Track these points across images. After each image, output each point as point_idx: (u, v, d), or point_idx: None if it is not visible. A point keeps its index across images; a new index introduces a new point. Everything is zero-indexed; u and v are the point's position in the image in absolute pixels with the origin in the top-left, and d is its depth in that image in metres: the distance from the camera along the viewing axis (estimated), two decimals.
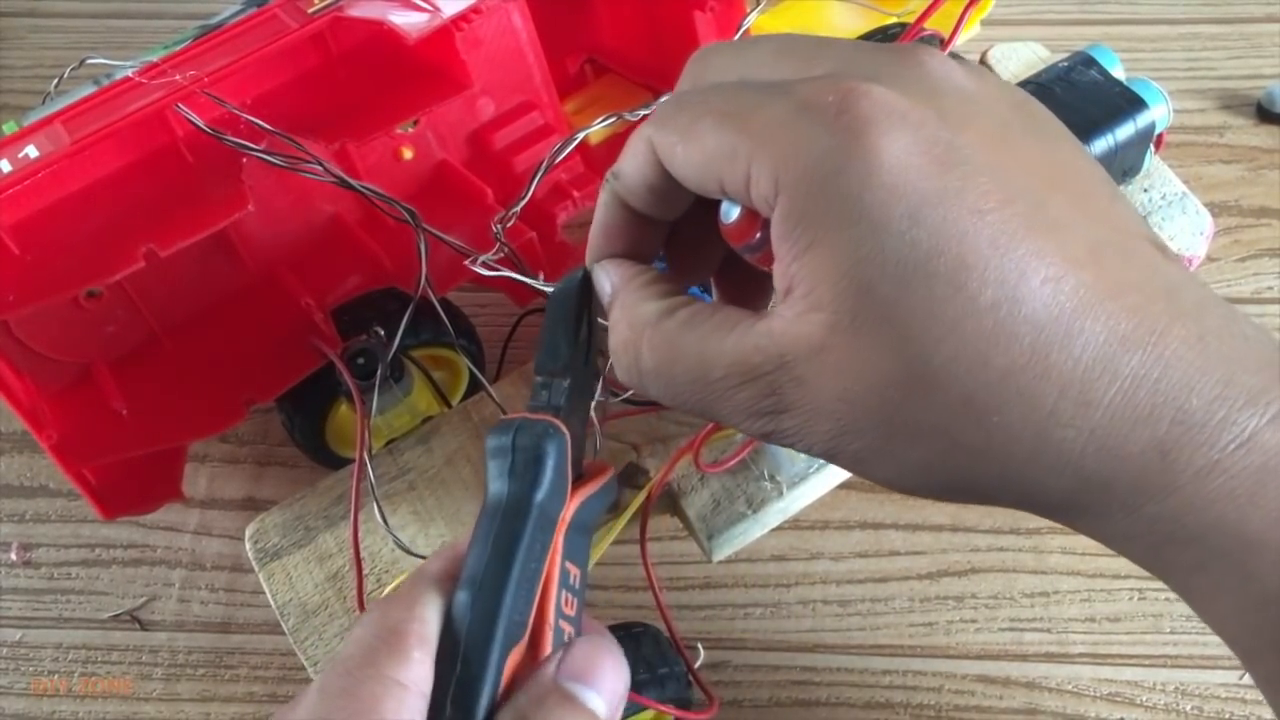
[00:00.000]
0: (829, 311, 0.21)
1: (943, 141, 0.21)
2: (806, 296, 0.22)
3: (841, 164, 0.21)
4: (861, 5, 0.52)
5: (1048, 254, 0.20)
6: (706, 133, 0.23)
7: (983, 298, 0.20)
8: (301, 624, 0.37)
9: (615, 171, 0.26)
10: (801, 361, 0.22)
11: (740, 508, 0.38)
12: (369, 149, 0.43)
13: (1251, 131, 0.57)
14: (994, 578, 0.46)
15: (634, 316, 0.25)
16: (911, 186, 0.21)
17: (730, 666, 0.44)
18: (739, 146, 0.22)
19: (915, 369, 0.21)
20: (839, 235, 0.21)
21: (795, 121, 0.22)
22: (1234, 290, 0.52)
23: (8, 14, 0.69)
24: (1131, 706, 0.43)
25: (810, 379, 0.22)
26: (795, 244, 0.22)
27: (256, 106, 0.42)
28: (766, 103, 0.22)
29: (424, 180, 0.45)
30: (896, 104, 0.21)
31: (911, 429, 0.21)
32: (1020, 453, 0.21)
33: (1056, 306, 0.20)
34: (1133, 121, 0.40)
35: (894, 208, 0.20)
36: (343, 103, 0.43)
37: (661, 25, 0.47)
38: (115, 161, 0.40)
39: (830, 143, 0.21)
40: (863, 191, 0.21)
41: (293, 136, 0.38)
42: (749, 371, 0.23)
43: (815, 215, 0.21)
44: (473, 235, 0.40)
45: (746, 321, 0.23)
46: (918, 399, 0.21)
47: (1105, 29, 0.62)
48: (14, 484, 0.51)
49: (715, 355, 0.23)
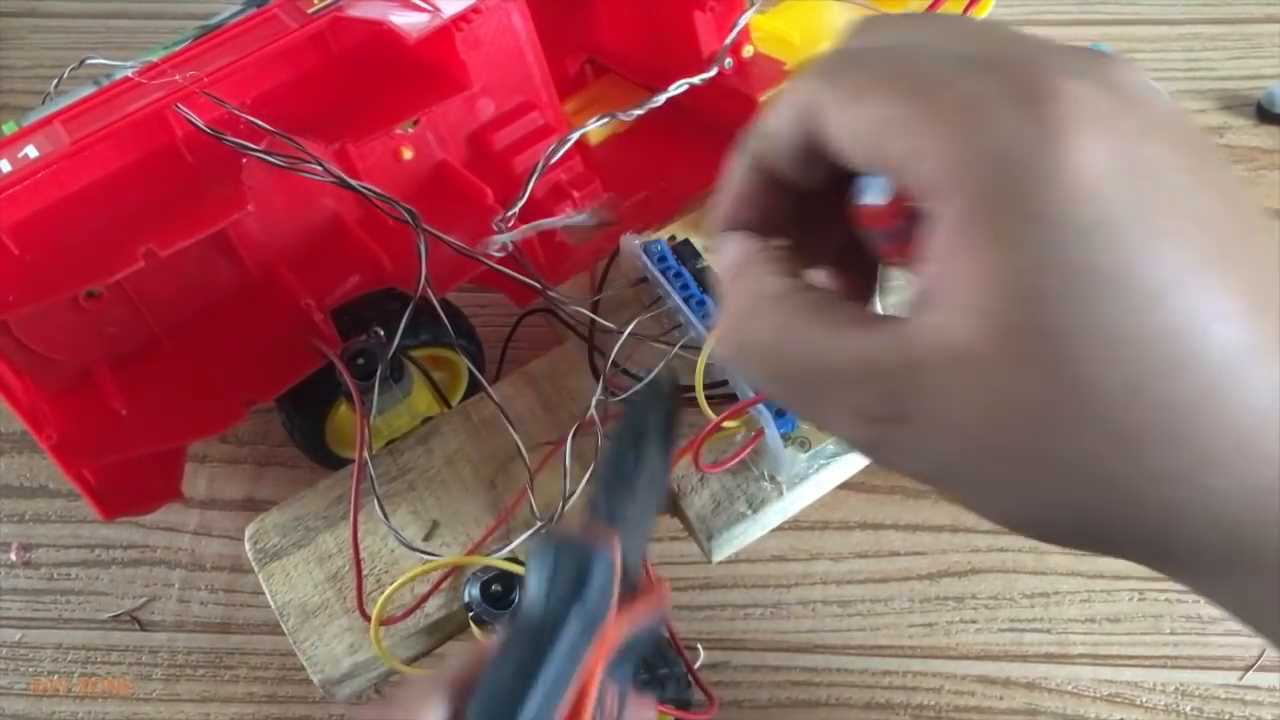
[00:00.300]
0: (986, 318, 0.19)
1: (1144, 156, 0.19)
2: (961, 297, 0.19)
3: (1034, 158, 0.19)
4: (861, 5, 0.52)
5: (1233, 292, 0.19)
6: (879, 95, 0.20)
7: (1164, 326, 0.18)
8: (301, 624, 0.37)
9: (760, 130, 0.23)
10: (938, 369, 0.19)
11: (740, 508, 0.38)
12: (369, 149, 0.43)
13: (1251, 131, 0.57)
14: (994, 578, 0.46)
15: (756, 288, 0.23)
16: (1106, 197, 0.18)
17: (730, 667, 0.44)
18: (915, 118, 0.20)
19: (1073, 393, 0.19)
20: (1016, 236, 0.19)
21: (987, 102, 0.19)
22: None
23: (8, 14, 0.69)
24: (1131, 707, 0.43)
25: (944, 391, 0.20)
26: (962, 237, 0.19)
27: (256, 106, 0.42)
28: (956, 77, 0.20)
29: (424, 180, 0.45)
30: (1103, 106, 0.19)
31: (1051, 459, 0.19)
32: (1169, 497, 0.19)
33: (1236, 347, 0.19)
34: None
35: (1083, 216, 0.18)
36: (343, 103, 0.43)
37: (661, 25, 0.47)
38: (115, 161, 0.40)
39: (1024, 133, 0.19)
40: (1053, 192, 0.18)
41: (293, 136, 0.38)
42: (871, 372, 0.20)
43: (993, 210, 0.19)
44: (473, 235, 0.40)
45: (880, 319, 0.21)
46: (1068, 426, 0.19)
47: (1105, 29, 0.62)
48: (14, 484, 0.51)
49: (837, 347, 0.21)
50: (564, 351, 0.42)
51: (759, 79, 0.47)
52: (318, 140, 0.40)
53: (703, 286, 0.40)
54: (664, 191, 0.48)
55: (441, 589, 0.37)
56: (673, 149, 0.49)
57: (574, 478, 0.37)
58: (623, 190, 0.47)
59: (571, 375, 0.41)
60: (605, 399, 0.39)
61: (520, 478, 0.39)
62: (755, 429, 0.37)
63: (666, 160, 0.49)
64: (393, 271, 0.43)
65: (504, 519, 0.38)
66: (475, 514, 0.39)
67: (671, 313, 0.40)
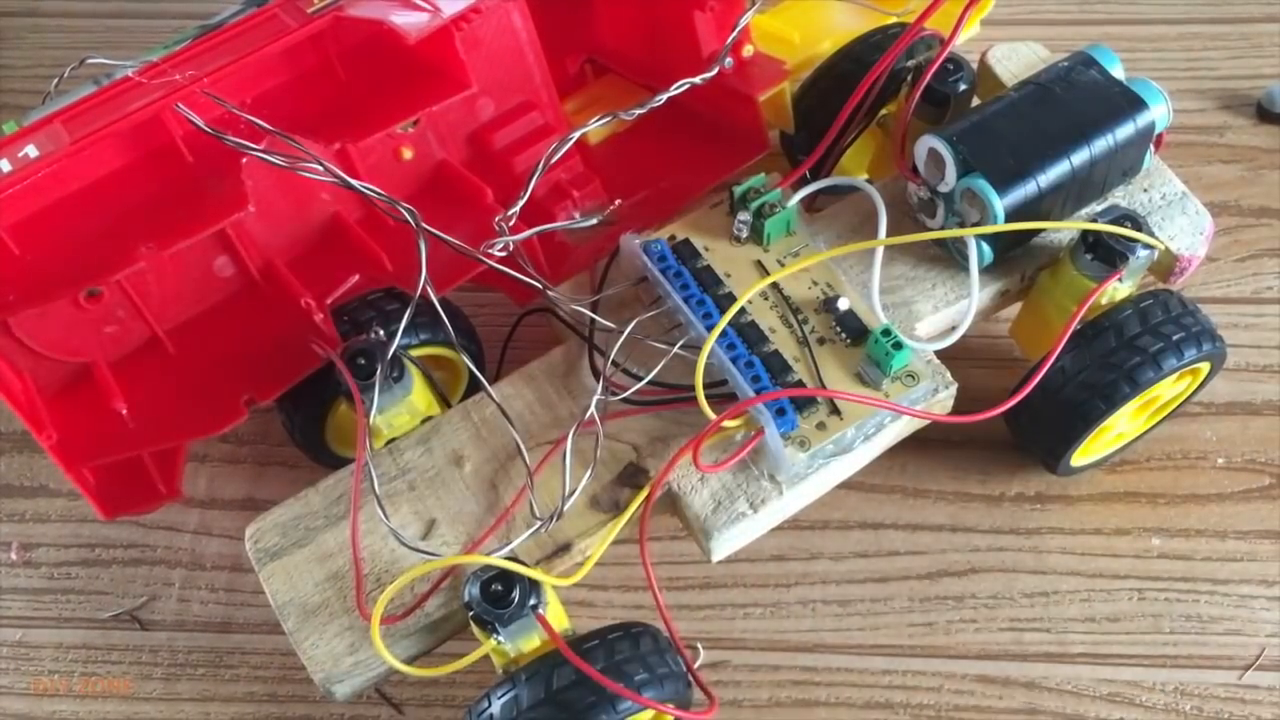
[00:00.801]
0: None
1: None
2: None
3: None
4: (861, 5, 0.52)
5: None
6: None
7: None
8: (301, 624, 0.37)
9: None
10: None
11: (740, 508, 0.38)
12: (369, 149, 0.43)
13: (1251, 131, 0.57)
14: (994, 578, 0.46)
15: None
16: None
17: (730, 666, 0.44)
18: None
19: None
20: None
21: None
22: (1234, 290, 0.52)
23: (8, 14, 0.69)
24: (1131, 706, 0.43)
25: None
26: None
27: (256, 106, 0.42)
28: None
29: (424, 180, 0.45)
30: None
31: None
32: None
33: None
34: (1132, 121, 0.40)
35: None
36: (343, 103, 0.43)
37: (661, 25, 0.47)
38: (115, 161, 0.40)
39: None
40: None
41: (293, 136, 0.38)
42: None
43: None
44: (473, 235, 0.40)
45: None
46: None
47: (1105, 29, 0.62)
48: (14, 484, 0.51)
49: None
50: (564, 351, 0.42)
51: (759, 78, 0.47)
52: (318, 140, 0.40)
53: (703, 286, 0.40)
54: (664, 191, 0.48)
55: (442, 588, 0.37)
56: (673, 149, 0.49)
57: (574, 477, 0.37)
58: (623, 190, 0.47)
59: (571, 375, 0.41)
60: (605, 399, 0.39)
61: (520, 477, 0.39)
62: (755, 429, 0.37)
63: (666, 160, 0.49)
64: (393, 271, 0.43)
65: (504, 518, 0.38)
66: (475, 513, 0.39)
67: (671, 312, 0.40)
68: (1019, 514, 0.47)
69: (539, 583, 0.35)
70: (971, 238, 0.39)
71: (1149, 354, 0.40)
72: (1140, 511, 0.47)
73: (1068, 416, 0.42)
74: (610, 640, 0.35)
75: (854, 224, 0.43)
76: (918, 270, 0.42)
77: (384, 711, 0.44)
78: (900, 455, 0.46)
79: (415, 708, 0.44)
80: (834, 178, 0.43)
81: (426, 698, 0.44)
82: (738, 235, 0.41)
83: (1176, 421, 0.48)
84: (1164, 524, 0.47)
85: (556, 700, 0.33)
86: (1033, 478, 0.48)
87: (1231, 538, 0.46)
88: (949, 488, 0.48)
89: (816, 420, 0.37)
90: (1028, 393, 0.38)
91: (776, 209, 0.41)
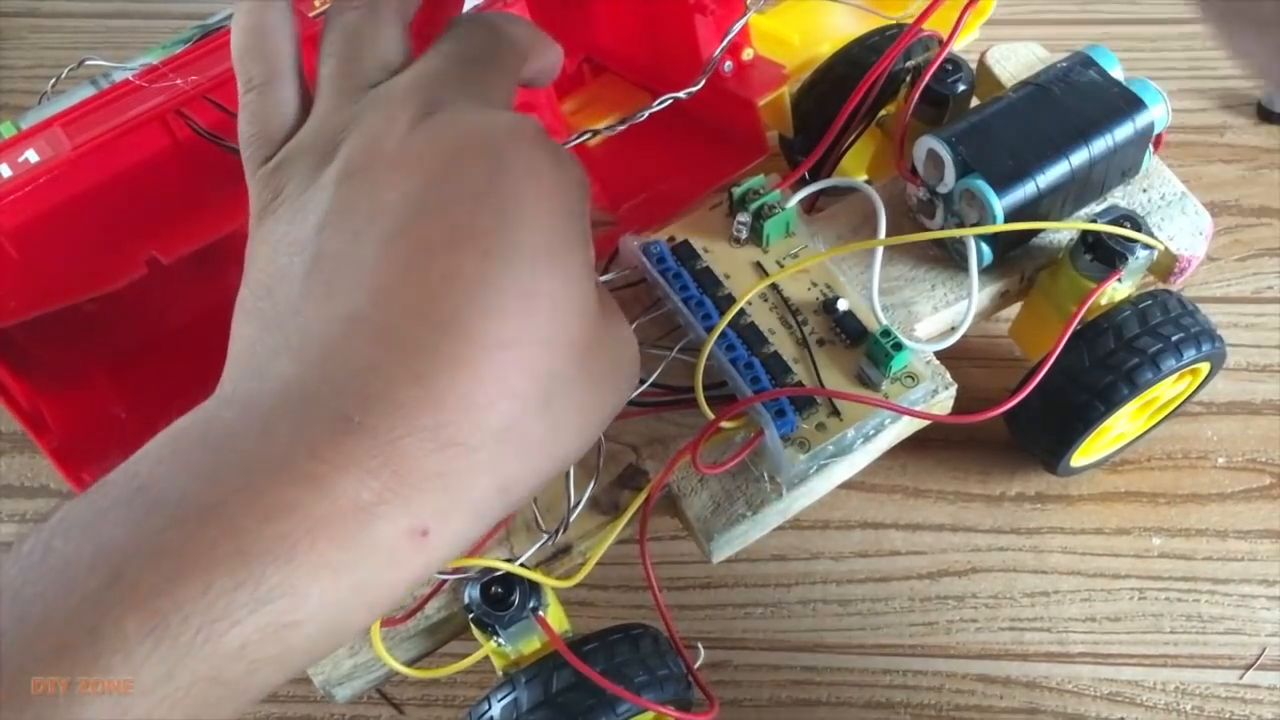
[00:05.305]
0: None
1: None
2: None
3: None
4: (860, 7, 0.52)
5: None
6: None
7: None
8: None
9: None
10: None
11: (740, 509, 0.38)
12: None
13: (1251, 131, 0.57)
14: (994, 577, 0.46)
15: None
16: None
17: (730, 666, 0.45)
18: None
19: None
20: None
21: None
22: (1234, 290, 0.52)
23: (8, 14, 0.69)
24: (1132, 706, 0.43)
25: None
26: None
27: None
28: None
29: None
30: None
31: None
32: None
33: None
34: (1131, 122, 0.40)
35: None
36: None
37: (660, 25, 0.47)
38: (116, 166, 0.40)
39: None
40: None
41: None
42: None
43: None
44: None
45: None
46: None
47: (1105, 29, 0.62)
48: (14, 484, 0.51)
49: None
50: None
51: (758, 83, 0.47)
52: None
53: (702, 287, 0.40)
54: (664, 192, 0.48)
55: (442, 591, 0.37)
56: (673, 149, 0.49)
57: (578, 486, 0.37)
58: (623, 190, 0.47)
59: None
60: None
61: None
62: (755, 429, 0.37)
63: (666, 161, 0.49)
64: None
65: (505, 523, 0.38)
66: None
67: (670, 314, 0.40)
68: (1019, 514, 0.47)
69: (539, 585, 0.35)
70: (971, 238, 0.39)
71: (1148, 355, 0.40)
72: (1141, 511, 0.47)
73: (1067, 417, 0.42)
74: (610, 642, 0.35)
75: (853, 225, 0.43)
76: (917, 271, 0.42)
77: (385, 712, 0.44)
78: (900, 455, 0.46)
79: (416, 708, 0.44)
80: (833, 179, 0.43)
81: (427, 698, 0.44)
82: (737, 236, 0.41)
83: (1177, 421, 0.48)
84: (1164, 524, 0.47)
85: (556, 703, 0.33)
86: (1033, 478, 0.48)
87: (1232, 537, 0.46)
88: (949, 488, 0.48)
89: (816, 421, 0.37)
90: (1028, 393, 0.38)
91: (776, 210, 0.41)
